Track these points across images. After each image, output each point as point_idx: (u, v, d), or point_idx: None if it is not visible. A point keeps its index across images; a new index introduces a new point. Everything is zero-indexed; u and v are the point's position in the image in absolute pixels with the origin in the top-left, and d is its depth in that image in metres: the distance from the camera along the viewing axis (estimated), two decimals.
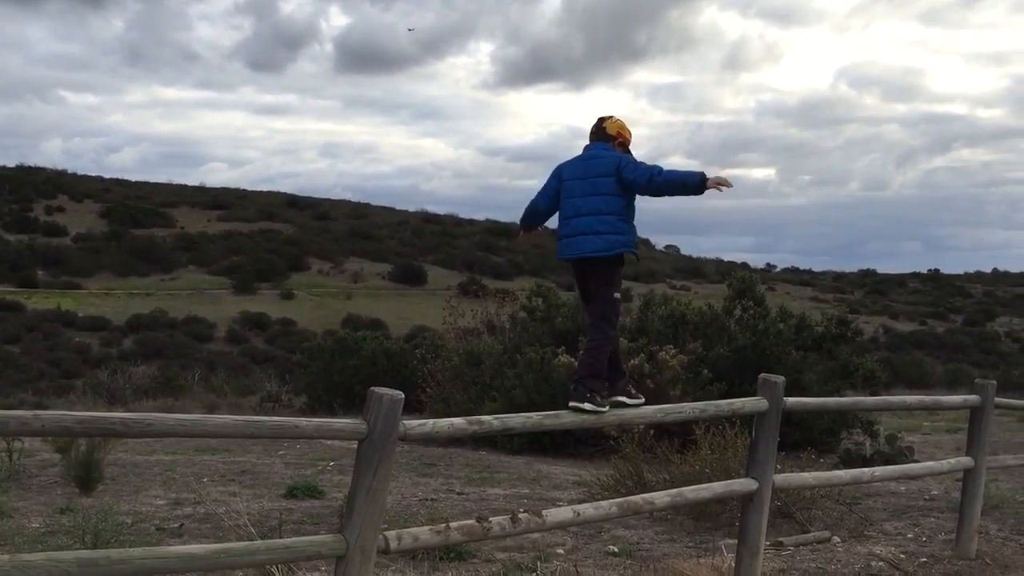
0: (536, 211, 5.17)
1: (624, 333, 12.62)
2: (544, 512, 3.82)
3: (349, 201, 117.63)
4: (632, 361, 11.49)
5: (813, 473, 5.42)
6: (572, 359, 11.61)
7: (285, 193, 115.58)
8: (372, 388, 3.60)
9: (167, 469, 8.67)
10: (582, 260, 4.91)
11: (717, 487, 4.77)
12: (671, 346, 11.79)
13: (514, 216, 5.47)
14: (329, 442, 10.89)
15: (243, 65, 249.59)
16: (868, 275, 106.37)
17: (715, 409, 5.10)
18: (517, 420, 4.04)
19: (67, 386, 34.76)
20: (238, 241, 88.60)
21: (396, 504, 7.18)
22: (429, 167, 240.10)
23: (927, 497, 8.73)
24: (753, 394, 5.65)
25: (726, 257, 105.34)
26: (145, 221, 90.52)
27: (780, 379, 5.13)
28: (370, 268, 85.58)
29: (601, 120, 5.20)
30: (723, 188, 4.76)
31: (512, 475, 9.20)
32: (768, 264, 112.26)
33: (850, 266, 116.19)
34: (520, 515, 3.67)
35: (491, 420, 3.86)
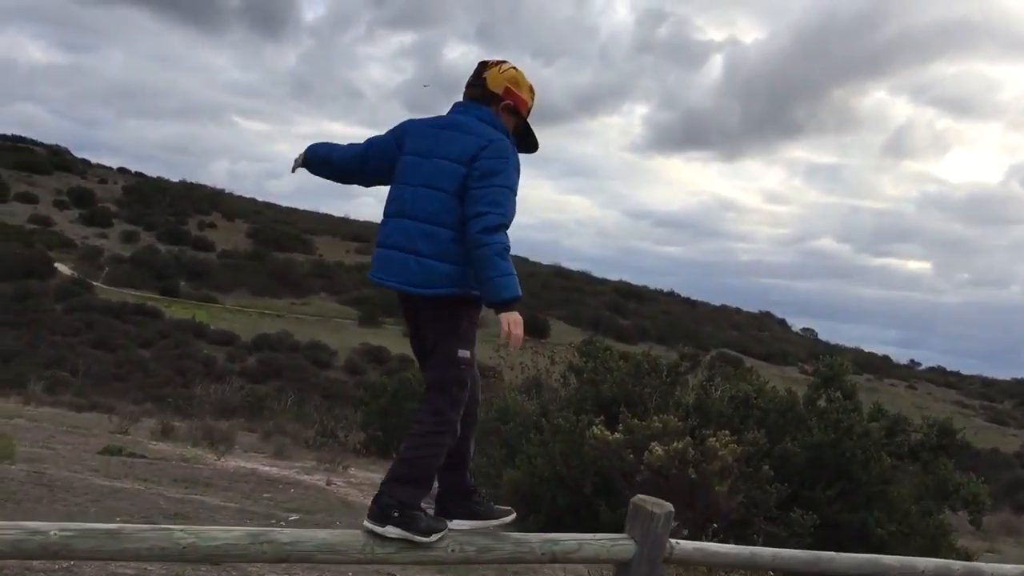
0: (341, 159, 3.52)
1: (678, 409, 10.93)
2: None
3: None
4: (675, 444, 9.80)
5: None
6: (606, 431, 10.04)
7: None
8: None
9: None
10: (399, 293, 3.22)
11: None
12: (726, 432, 10.02)
13: (650, 280, 3.71)
14: (297, 489, 9.66)
15: (400, 105, 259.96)
16: (1022, 384, 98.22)
17: (550, 549, 3.14)
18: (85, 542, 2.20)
19: (187, 395, 35.39)
20: None
21: None
22: (572, 223, 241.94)
23: None
24: (826, 502, 3.71)
25: (867, 348, 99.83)
26: (288, 245, 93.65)
27: (665, 507, 3.12)
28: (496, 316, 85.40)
29: (483, 66, 3.33)
30: (512, 346, 3.19)
31: None
32: (912, 360, 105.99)
33: (1003, 373, 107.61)
34: None
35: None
